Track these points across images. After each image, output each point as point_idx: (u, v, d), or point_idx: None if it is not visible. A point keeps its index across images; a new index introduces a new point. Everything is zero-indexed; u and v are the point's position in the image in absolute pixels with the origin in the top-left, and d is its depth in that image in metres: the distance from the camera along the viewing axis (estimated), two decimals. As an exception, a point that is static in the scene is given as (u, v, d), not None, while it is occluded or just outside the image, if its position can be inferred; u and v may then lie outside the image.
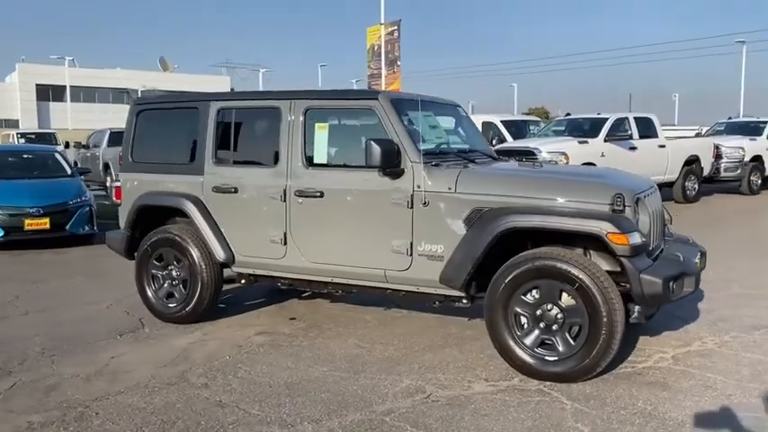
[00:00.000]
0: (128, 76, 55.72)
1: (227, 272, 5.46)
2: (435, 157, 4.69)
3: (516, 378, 4.16)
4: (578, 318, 3.98)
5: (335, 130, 5.03)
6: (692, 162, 15.03)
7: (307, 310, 5.89)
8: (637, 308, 4.13)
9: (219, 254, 5.25)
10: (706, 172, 15.30)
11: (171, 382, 4.20)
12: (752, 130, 18.24)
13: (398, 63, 22.21)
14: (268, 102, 5.20)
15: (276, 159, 5.05)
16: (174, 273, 5.49)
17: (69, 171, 10.68)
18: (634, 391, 3.93)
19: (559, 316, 4.05)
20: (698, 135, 22.71)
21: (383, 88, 22.12)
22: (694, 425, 3.47)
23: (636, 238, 3.91)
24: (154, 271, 5.57)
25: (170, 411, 3.74)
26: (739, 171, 16.37)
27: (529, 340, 4.14)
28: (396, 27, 22.18)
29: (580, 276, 3.91)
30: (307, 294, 6.38)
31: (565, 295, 4.04)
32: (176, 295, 5.48)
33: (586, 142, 13.20)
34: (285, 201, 4.98)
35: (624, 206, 4.04)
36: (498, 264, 4.31)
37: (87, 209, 9.83)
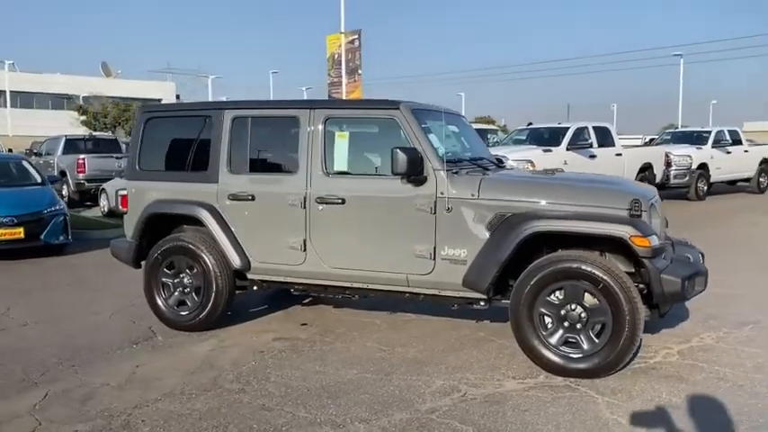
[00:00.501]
0: (69, 81, 53.99)
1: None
2: (453, 165, 4.87)
3: (542, 375, 4.37)
4: (602, 316, 4.21)
5: (355, 138, 5.15)
6: (646, 169, 15.76)
7: (315, 316, 5.97)
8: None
9: (235, 261, 5.29)
10: (658, 179, 16.03)
11: (206, 389, 4.23)
12: (697, 139, 19.21)
13: (359, 72, 22.42)
14: (286, 111, 5.28)
15: (295, 167, 5.14)
16: (185, 280, 5.49)
17: (39, 179, 10.40)
18: (654, 384, 4.19)
19: (583, 315, 4.28)
20: (646, 144, 23.75)
21: (344, 96, 22.29)
22: (722, 414, 3.74)
23: (655, 241, 4.18)
24: (164, 279, 5.55)
25: (217, 416, 3.78)
26: (687, 178, 17.21)
27: (554, 339, 4.35)
28: (356, 36, 22.39)
29: (604, 277, 4.15)
30: (308, 300, 6.47)
31: (587, 295, 4.27)
32: (188, 303, 5.48)
33: (550, 151, 13.67)
34: (305, 208, 5.07)
35: (641, 211, 4.31)
36: (514, 267, 4.52)
37: (62, 218, 9.62)
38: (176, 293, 5.53)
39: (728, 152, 18.47)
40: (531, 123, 16.80)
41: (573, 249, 4.47)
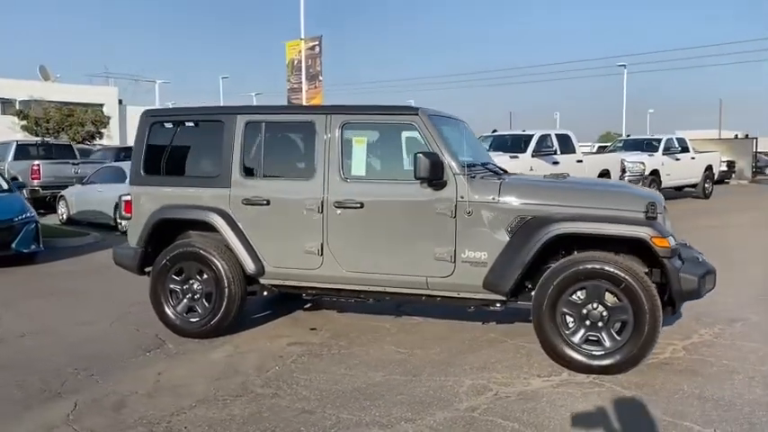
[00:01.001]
0: (4, 84, 51.83)
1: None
2: (468, 170, 4.99)
3: (564, 373, 4.52)
4: (623, 314, 4.40)
5: (372, 143, 5.22)
6: (604, 175, 16.35)
7: (323, 321, 5.98)
8: None
9: (249, 266, 5.26)
10: (615, 185, 16.63)
11: (238, 394, 4.20)
12: (648, 146, 20.03)
13: (320, 78, 22.39)
14: (301, 116, 5.30)
15: (311, 172, 5.16)
16: (195, 287, 5.43)
17: (7, 186, 10.02)
18: (673, 378, 4.40)
19: (604, 314, 4.46)
20: (598, 151, 24.60)
21: (304, 102, 22.21)
22: (744, 404, 3.96)
23: (673, 241, 4.40)
24: (172, 286, 5.47)
25: (261, 421, 3.78)
26: (640, 184, 17.92)
27: (576, 338, 4.51)
28: (317, 42, 22.37)
29: (626, 277, 4.33)
30: (309, 305, 6.48)
31: (608, 294, 4.45)
32: (199, 310, 5.41)
33: (517, 157, 14.03)
34: (322, 212, 5.09)
35: (656, 213, 4.52)
36: (528, 269, 4.67)
37: (33, 226, 9.31)
38: (185, 300, 5.46)
39: (677, 159, 19.32)
40: (495, 131, 17.19)
41: (588, 251, 4.64)
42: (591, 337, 4.51)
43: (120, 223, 12.60)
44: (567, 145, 15.59)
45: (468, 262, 4.82)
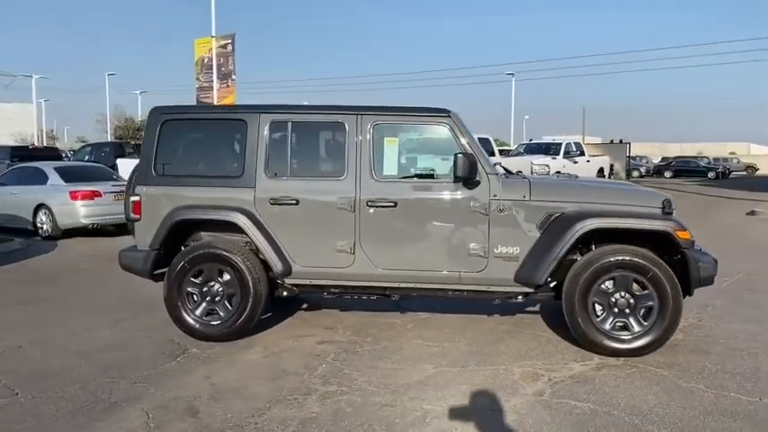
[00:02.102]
0: None
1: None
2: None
3: (595, 357, 4.88)
4: (650, 301, 4.83)
5: (403, 143, 5.35)
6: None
7: (331, 320, 6.01)
8: None
9: (277, 266, 5.23)
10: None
11: (305, 392, 4.21)
12: (548, 150, 21.40)
13: (233, 77, 21.88)
14: (330, 116, 5.32)
15: (341, 171, 5.21)
16: (216, 289, 5.31)
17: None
18: (690, 357, 4.89)
19: (631, 301, 4.87)
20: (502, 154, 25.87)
21: (215, 102, 21.63)
22: (760, 372, 4.50)
23: (691, 234, 4.89)
24: (190, 289, 5.32)
25: (350, 416, 3.82)
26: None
27: (606, 325, 4.89)
28: (230, 41, 21.84)
29: (653, 268, 4.77)
30: (306, 306, 6.49)
31: (634, 283, 4.87)
32: (221, 312, 5.29)
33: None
34: (355, 211, 5.16)
35: (672, 209, 5.01)
36: None
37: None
38: (204, 303, 5.32)
39: (576, 162, 20.80)
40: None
41: (608, 244, 5.04)
42: (618, 324, 4.90)
43: (42, 228, 11.79)
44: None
45: (501, 257, 5.08)
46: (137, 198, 5.45)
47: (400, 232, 5.18)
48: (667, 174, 44.53)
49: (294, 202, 5.22)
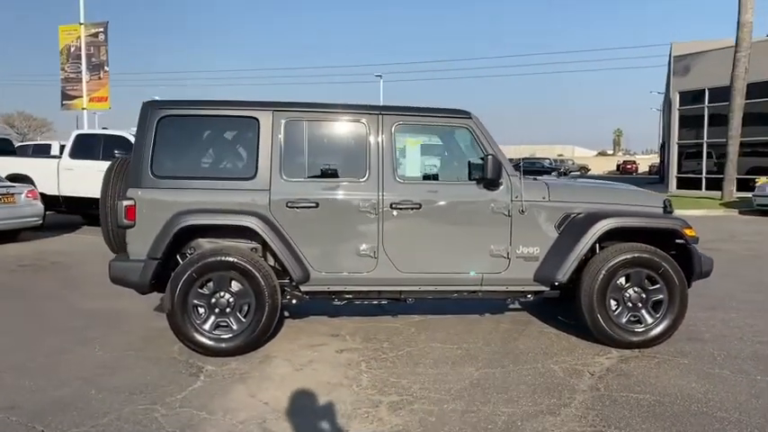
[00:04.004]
0: None
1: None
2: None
3: (612, 351, 5.11)
4: (660, 294, 5.15)
5: (424, 144, 5.26)
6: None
7: (329, 328, 5.79)
8: None
9: (295, 272, 4.94)
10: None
11: (372, 405, 4.01)
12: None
13: (106, 68, 20.14)
14: (350, 115, 5.10)
15: (363, 173, 5.04)
16: (226, 299, 4.90)
17: None
18: (693, 345, 5.27)
19: (643, 295, 5.17)
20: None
21: (85, 94, 19.88)
22: (753, 352, 4.98)
23: (695, 231, 5.29)
24: (196, 301, 4.88)
25: (442, 427, 3.71)
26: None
27: (623, 319, 5.14)
28: (102, 29, 20.07)
29: (664, 264, 5.10)
30: (287, 315, 6.22)
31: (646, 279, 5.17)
32: (233, 325, 4.90)
33: None
34: (377, 214, 5.01)
35: (672, 208, 5.39)
36: None
37: None
38: (213, 316, 4.90)
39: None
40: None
41: (615, 242, 5.31)
42: (632, 317, 5.19)
43: None
44: None
45: (523, 257, 5.18)
46: (130, 202, 4.88)
47: (424, 235, 5.11)
48: (516, 173, 47.42)
49: (314, 204, 4.97)
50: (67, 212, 13.59)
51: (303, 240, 4.99)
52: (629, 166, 71.09)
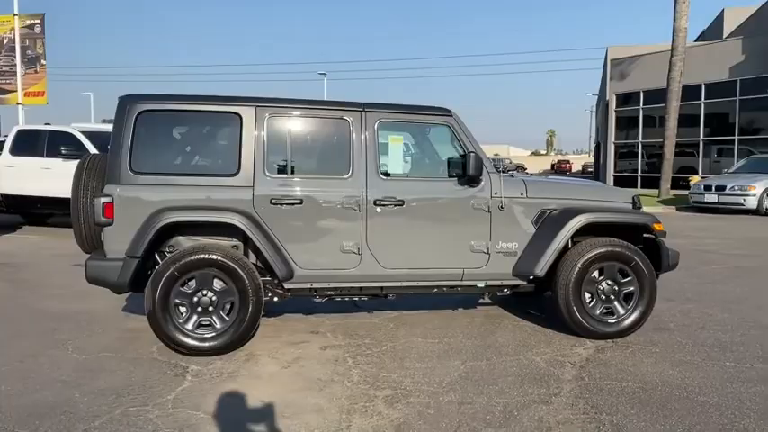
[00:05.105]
0: None
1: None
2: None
3: (587, 341, 5.29)
4: (631, 287, 5.36)
5: (407, 141, 5.31)
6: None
7: (306, 325, 5.79)
8: None
9: (280, 270, 4.91)
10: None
11: (368, 399, 4.04)
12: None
13: (43, 62, 19.29)
14: (333, 112, 5.10)
15: (346, 169, 5.05)
16: (208, 298, 4.83)
17: None
18: (661, 335, 5.50)
19: (616, 288, 5.37)
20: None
21: (20, 89, 19.03)
22: (739, 344, 5.25)
23: (663, 226, 5.52)
24: (178, 300, 4.78)
25: (441, 419, 3.77)
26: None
27: (597, 311, 5.33)
28: (38, 21, 19.20)
29: (635, 257, 5.31)
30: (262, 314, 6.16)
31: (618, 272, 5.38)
32: (216, 324, 4.83)
33: None
34: (361, 210, 5.04)
35: (640, 204, 5.62)
36: None
37: None
38: (195, 315, 4.81)
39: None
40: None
41: (588, 236, 5.49)
42: (606, 309, 5.38)
43: None
44: None
45: (502, 252, 5.30)
46: (107, 199, 4.74)
47: (407, 231, 5.16)
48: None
49: (298, 201, 4.95)
50: (7, 212, 12.99)
51: (287, 237, 4.96)
52: (563, 166, 73.35)
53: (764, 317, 6.18)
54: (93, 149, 11.87)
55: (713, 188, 17.66)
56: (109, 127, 15.79)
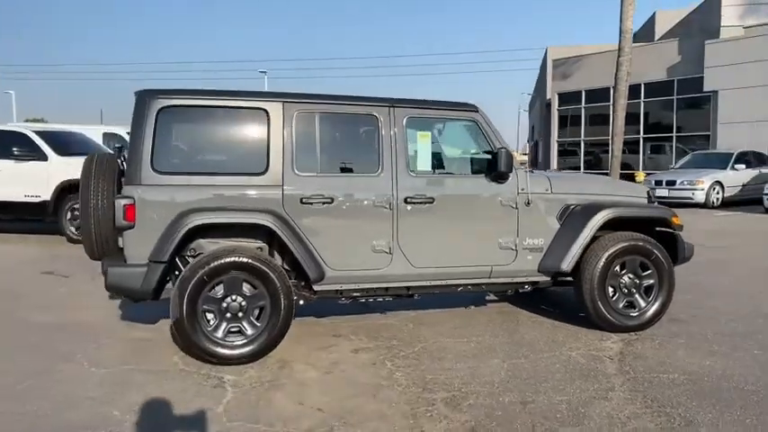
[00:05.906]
0: None
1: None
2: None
3: (613, 335, 5.33)
4: (651, 279, 5.43)
5: (434, 137, 5.20)
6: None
7: (325, 328, 5.60)
8: None
9: (311, 272, 4.73)
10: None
11: (427, 403, 3.92)
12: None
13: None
14: (361, 108, 4.93)
15: (376, 167, 4.91)
16: (238, 303, 4.59)
17: None
18: (680, 327, 5.60)
19: (637, 281, 5.43)
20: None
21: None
22: (739, 335, 5.39)
23: (680, 219, 5.62)
24: (206, 306, 4.53)
25: (513, 419, 3.69)
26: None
27: (620, 305, 5.37)
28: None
29: (655, 251, 5.39)
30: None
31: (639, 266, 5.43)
32: (247, 330, 4.59)
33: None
34: (392, 209, 4.91)
35: (654, 198, 5.71)
36: None
37: None
38: (224, 322, 4.57)
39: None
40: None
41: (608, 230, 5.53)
42: (627, 303, 5.43)
43: None
44: None
45: (528, 249, 5.27)
46: (129, 201, 4.44)
47: (438, 229, 5.06)
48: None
49: (329, 200, 4.77)
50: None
51: (318, 238, 4.77)
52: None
53: (762, 306, 6.40)
54: (49, 151, 11.21)
55: (664, 183, 18.32)
56: (63, 127, 15.05)
